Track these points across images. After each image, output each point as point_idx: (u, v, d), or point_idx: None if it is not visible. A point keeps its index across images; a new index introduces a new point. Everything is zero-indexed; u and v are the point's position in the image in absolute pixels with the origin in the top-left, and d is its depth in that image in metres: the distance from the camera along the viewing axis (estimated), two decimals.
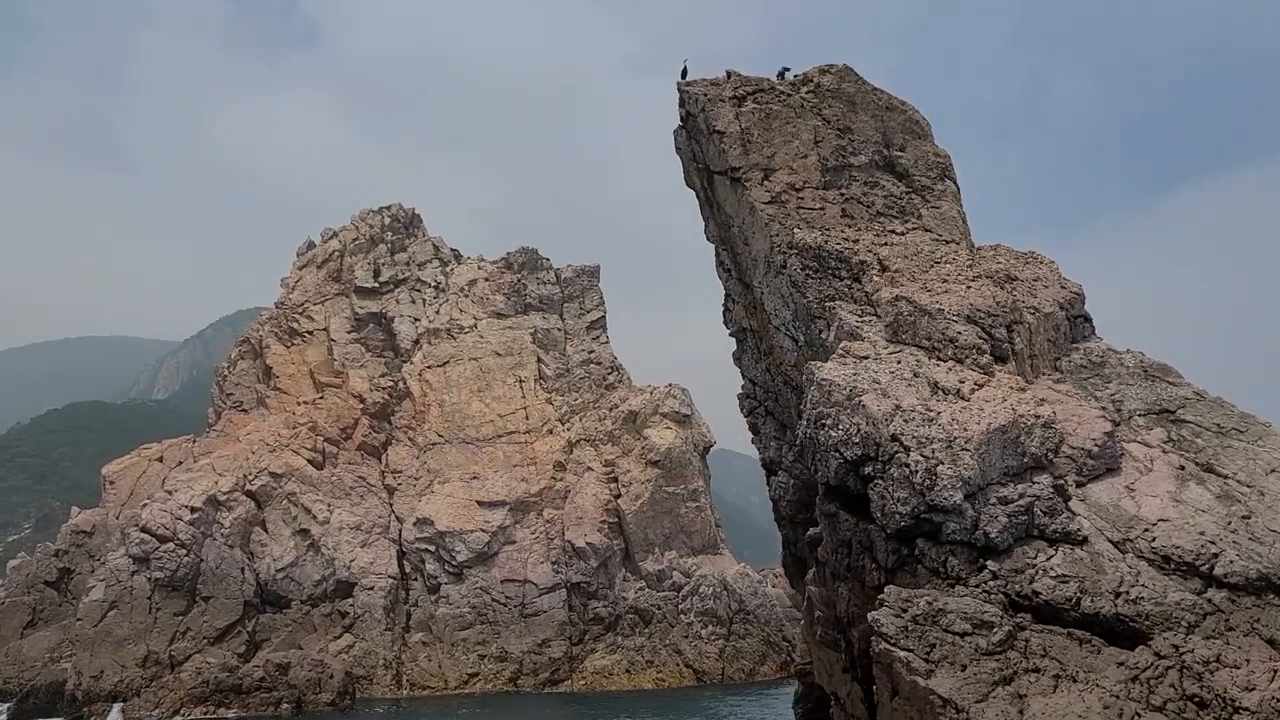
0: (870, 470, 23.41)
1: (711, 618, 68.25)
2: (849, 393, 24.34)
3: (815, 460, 24.52)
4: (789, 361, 30.30)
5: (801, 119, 32.20)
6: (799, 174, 31.37)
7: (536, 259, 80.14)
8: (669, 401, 73.92)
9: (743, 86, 32.28)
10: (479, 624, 64.13)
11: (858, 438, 23.69)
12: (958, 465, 22.70)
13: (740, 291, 32.36)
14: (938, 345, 27.01)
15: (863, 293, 28.85)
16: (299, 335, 75.04)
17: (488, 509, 67.41)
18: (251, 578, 62.88)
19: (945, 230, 32.06)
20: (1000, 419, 23.96)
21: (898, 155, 33.20)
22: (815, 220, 30.61)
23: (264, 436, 67.95)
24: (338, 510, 65.91)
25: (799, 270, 29.44)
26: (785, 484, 31.02)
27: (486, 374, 73.58)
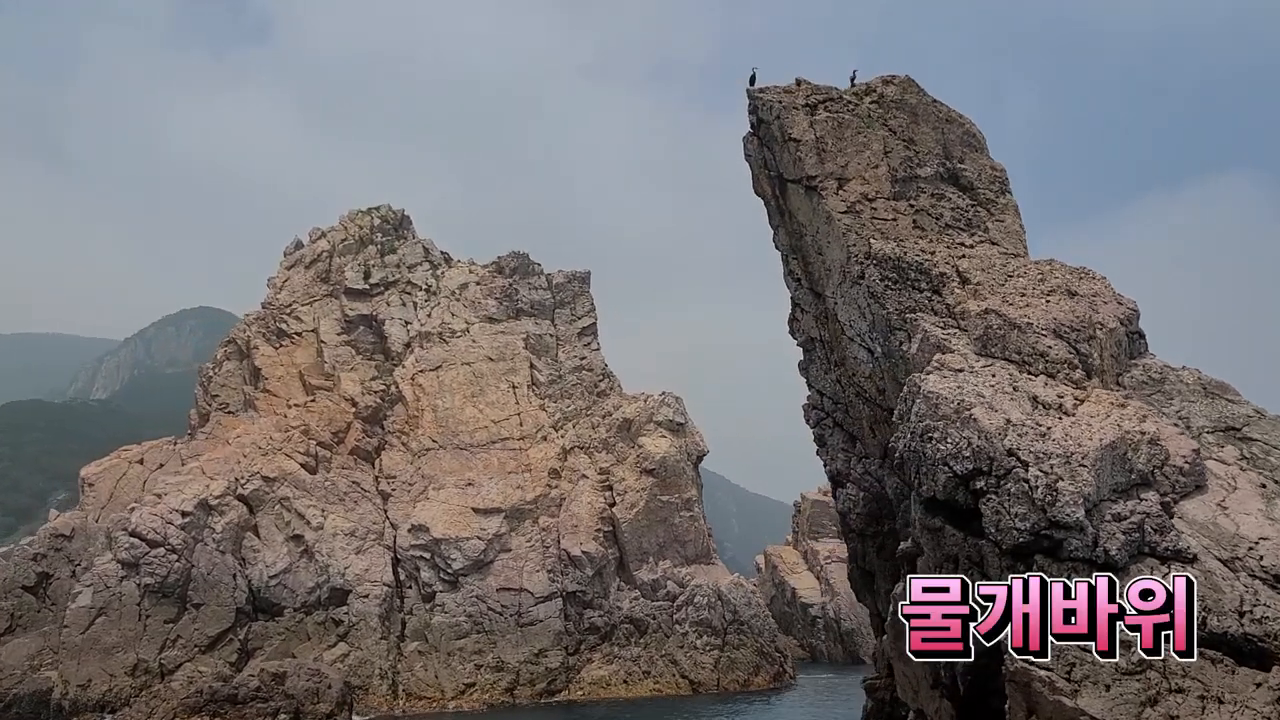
0: (983, 485, 23.22)
1: (706, 628, 67.94)
2: (957, 406, 24.15)
3: (920, 474, 24.27)
4: (863, 373, 30.10)
5: (871, 129, 32.08)
6: (871, 184, 31.23)
7: (528, 264, 79.37)
8: (663, 410, 73.57)
9: (814, 94, 32.11)
10: (475, 633, 63.14)
11: (968, 451, 23.50)
12: (1077, 481, 22.60)
13: (811, 301, 32.09)
14: (1028, 359, 26.94)
15: (944, 305, 28.72)
16: (287, 336, 73.47)
17: (483, 516, 66.46)
18: (244, 584, 61.29)
19: (1010, 244, 32.09)
20: (1109, 435, 23.90)
21: (960, 168, 33.18)
22: (889, 231, 30.46)
23: (255, 439, 66.34)
24: (331, 516, 64.53)
25: (878, 281, 29.25)
26: (855, 496, 30.79)
27: (480, 379, 72.63)
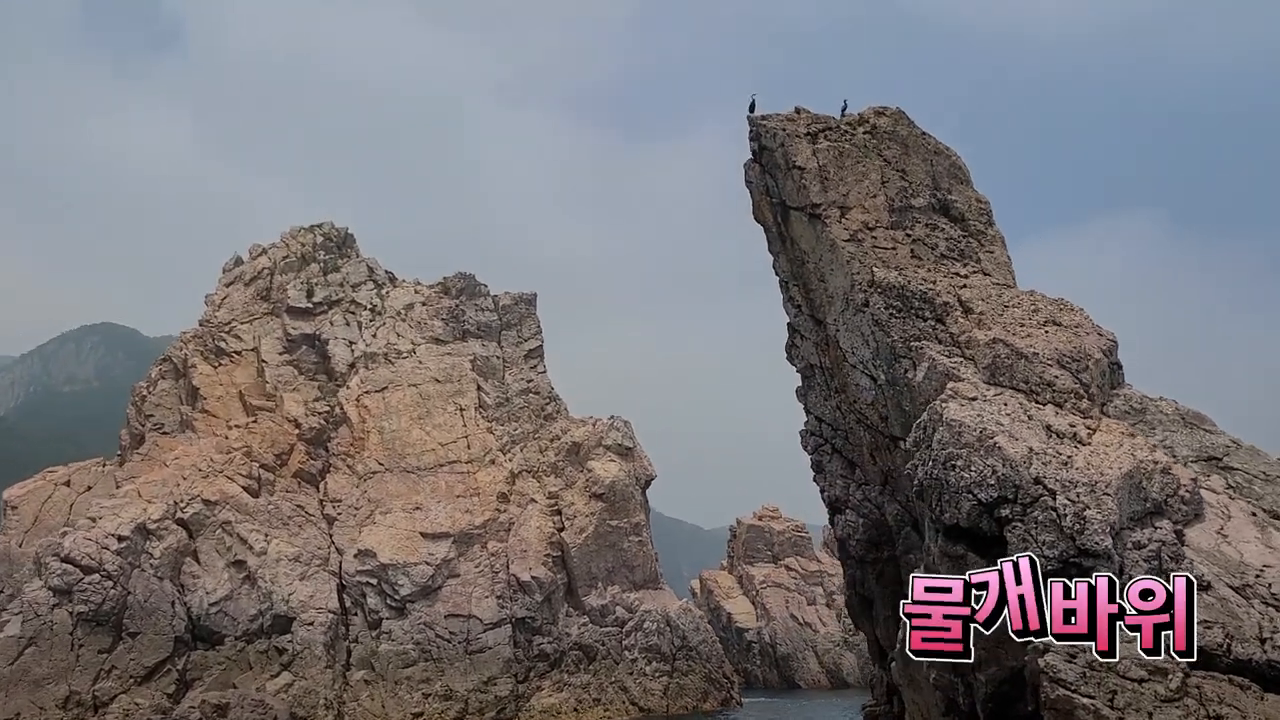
0: (1008, 512, 23.38)
1: (655, 654, 67.50)
2: (979, 434, 24.31)
3: (942, 501, 24.34)
4: (864, 400, 30.19)
5: (868, 159, 32.36)
6: (871, 213, 31.47)
7: (474, 285, 78.47)
8: (612, 434, 73.14)
9: (814, 123, 32.30)
10: (423, 661, 61.71)
11: (993, 479, 23.65)
12: (1103, 509, 22.88)
13: (811, 328, 32.15)
14: (1036, 389, 27.28)
15: (948, 334, 28.97)
16: (226, 355, 71.40)
17: (431, 541, 65.17)
18: (183, 612, 59.08)
19: (1001, 275, 32.56)
20: (1126, 464, 24.28)
21: (950, 199, 33.61)
22: (890, 260, 30.69)
23: (195, 461, 64.16)
24: (275, 540, 62.64)
25: (882, 309, 29.41)
26: (854, 523, 30.81)
27: (426, 401, 71.41)
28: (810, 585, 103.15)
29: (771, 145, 32.14)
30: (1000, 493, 23.35)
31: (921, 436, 25.51)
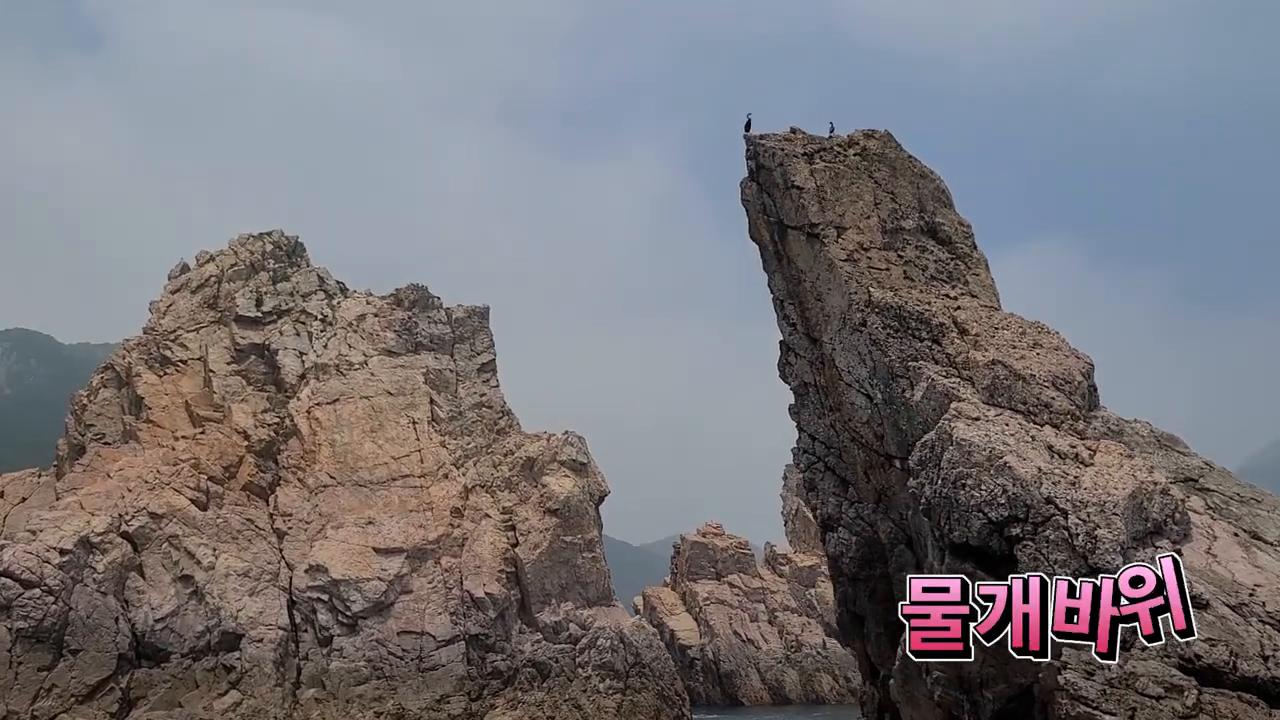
0: (1019, 531, 23.69)
1: (609, 671, 67.06)
2: (989, 454, 24.61)
3: (951, 520, 24.58)
4: (860, 419, 30.41)
5: (861, 180, 32.70)
6: (865, 234, 31.79)
7: (427, 297, 77.64)
8: (566, 449, 72.75)
9: (810, 144, 32.57)
10: (375, 679, 60.59)
11: (1003, 499, 23.96)
12: (1112, 529, 23.29)
13: (806, 347, 32.31)
14: (1033, 410, 27.72)
15: (944, 354, 29.32)
16: (172, 364, 69.59)
17: (384, 556, 64.10)
18: (126, 628, 57.24)
19: (987, 297, 33.08)
20: (1129, 485, 24.75)
21: (938, 222, 34.09)
22: (884, 280, 31.02)
23: (140, 473, 62.31)
24: (224, 555, 61.07)
25: (880, 329, 29.69)
26: (847, 540, 30.98)
27: (379, 414, 70.34)
28: (753, 602, 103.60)
29: (770, 164, 32.34)
30: (1011, 512, 23.65)
31: (928, 455, 25.75)
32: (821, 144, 32.56)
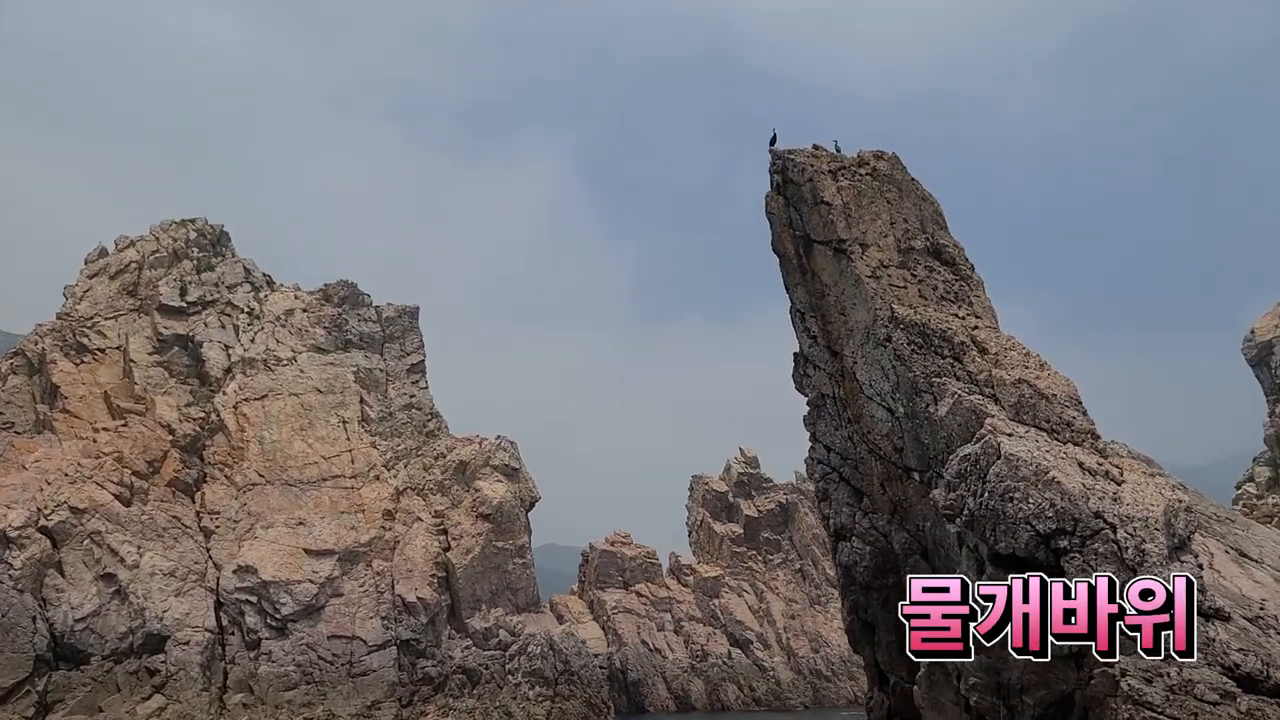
0: (1066, 544, 24.58)
1: (539, 678, 66.68)
2: (1035, 469, 25.50)
3: (997, 532, 25.36)
4: (879, 431, 31.05)
5: (878, 200, 33.45)
6: (884, 252, 32.54)
7: (357, 293, 75.96)
8: (499, 454, 72.14)
9: (833, 161, 33.16)
10: (305, 684, 58.93)
11: (1051, 512, 24.84)
12: (1156, 543, 24.39)
13: (827, 359, 32.81)
14: (1056, 428, 28.79)
15: (965, 371, 30.19)
16: (89, 352, 66.34)
17: (315, 558, 62.41)
18: (44, 628, 54.38)
19: (988, 318, 34.18)
20: (1160, 502, 25.95)
21: (941, 243, 35.10)
22: (903, 298, 31.80)
23: (60, 465, 59.22)
24: (148, 554, 58.51)
25: (904, 345, 30.42)
26: (861, 550, 31.54)
27: (308, 412, 68.45)
28: (659, 611, 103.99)
29: (799, 180, 32.79)
30: (1059, 525, 24.52)
31: (969, 469, 26.50)
32: (843, 162, 33.24)
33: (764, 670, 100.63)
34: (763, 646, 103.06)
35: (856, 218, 32.17)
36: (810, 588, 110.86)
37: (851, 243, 31.57)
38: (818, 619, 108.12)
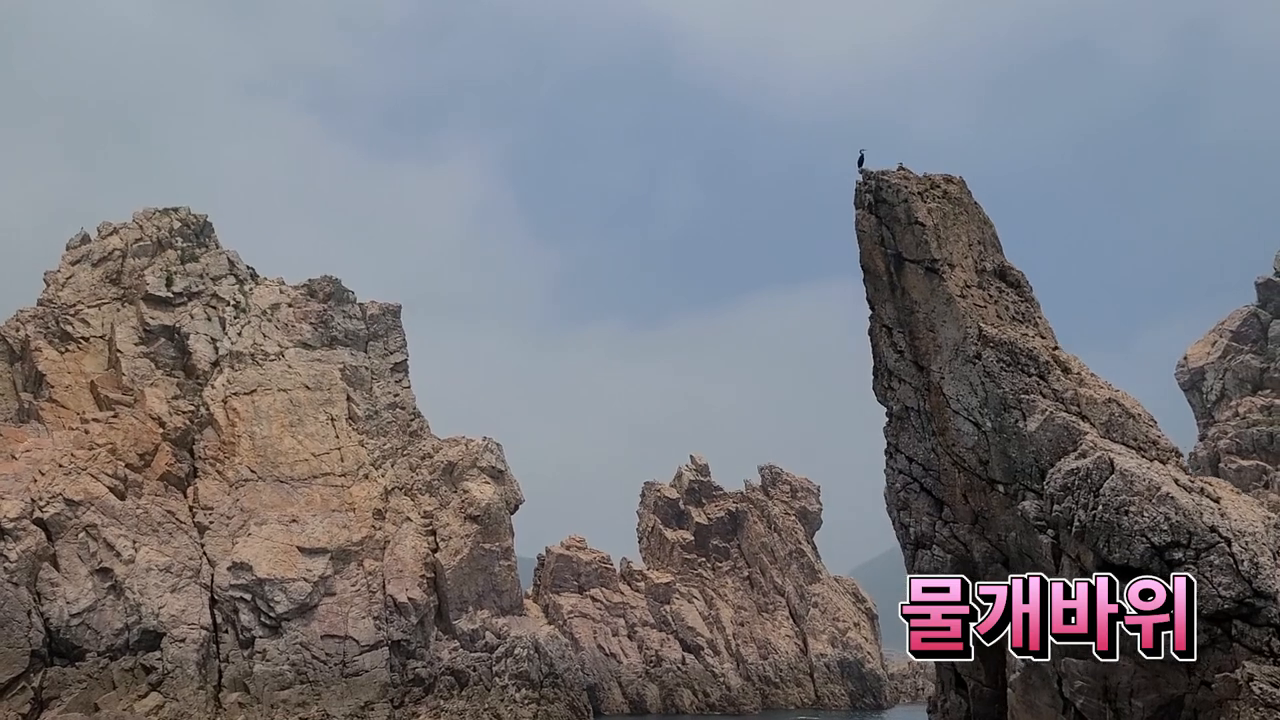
0: (1180, 555, 26.31)
1: (525, 680, 66.94)
2: (1148, 484, 27.19)
3: (1112, 543, 26.98)
4: (965, 444, 32.54)
5: (959, 223, 35.02)
6: (966, 272, 34.13)
7: (341, 290, 75.14)
8: (486, 455, 72.20)
9: (920, 183, 34.61)
10: (299, 683, 58.29)
11: (1166, 525, 26.55)
12: (1267, 555, 26.24)
13: (913, 373, 34.18)
14: (1143, 446, 30.63)
15: (1050, 390, 31.87)
16: (73, 341, 64.55)
17: (309, 556, 61.72)
18: (40, 623, 52.89)
19: (1051, 338, 36.00)
20: (1257, 517, 27.86)
21: (1006, 266, 36.85)
22: (986, 317, 33.40)
23: (54, 456, 57.54)
24: (144, 548, 57.21)
25: (994, 362, 32.00)
26: (941, 558, 32.96)
27: (297, 408, 67.61)
28: (614, 616, 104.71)
29: (893, 200, 34.16)
30: (1173, 538, 26.25)
31: (1077, 482, 28.12)
32: (928, 183, 34.73)
33: (716, 676, 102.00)
34: (713, 653, 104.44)
35: (945, 238, 33.68)
36: (758, 595, 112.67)
37: (942, 263, 33.06)
38: (766, 626, 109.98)
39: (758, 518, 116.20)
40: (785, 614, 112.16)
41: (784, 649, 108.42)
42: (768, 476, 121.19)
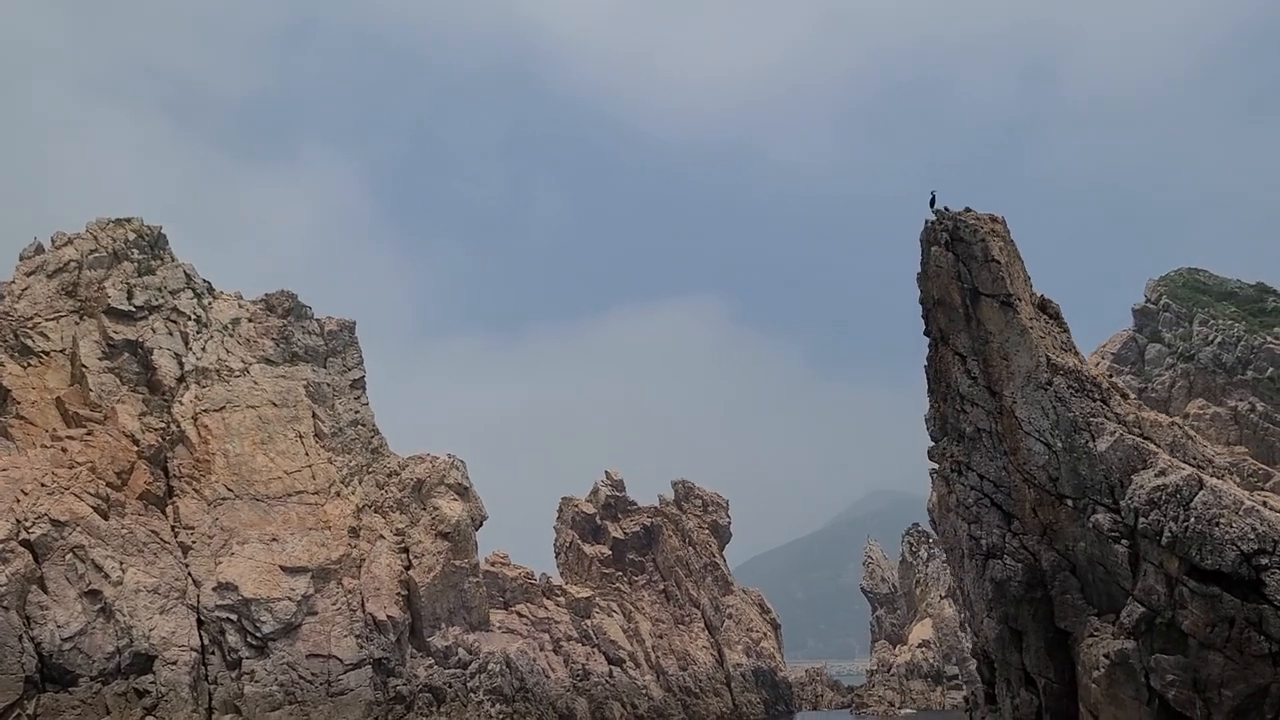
0: (1267, 561, 29.94)
1: (499, 696, 67.76)
2: (1234, 499, 30.82)
3: (1204, 551, 30.43)
4: (1035, 463, 35.68)
5: (1015, 260, 38.39)
6: (1028, 306, 37.45)
7: (299, 305, 74.42)
8: (452, 472, 72.62)
9: (990, 223, 37.79)
10: (288, 704, 57.76)
11: (1253, 535, 30.17)
12: None
13: (986, 398, 37.16)
14: (1202, 464, 34.41)
15: (1113, 413, 35.41)
16: (34, 355, 62.19)
17: (291, 575, 61.13)
18: (31, 648, 51.06)
19: (1086, 368, 39.71)
20: None
21: (1046, 299, 40.46)
22: (1049, 347, 36.78)
23: (33, 475, 55.42)
24: (131, 570, 55.70)
25: (1064, 388, 35.35)
26: (1013, 567, 35.93)
27: (266, 425, 66.70)
28: (540, 631, 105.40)
29: (970, 239, 37.12)
30: (1260, 546, 29.85)
31: (1165, 497, 31.50)
32: (992, 223, 37.93)
33: (640, 688, 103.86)
34: (634, 665, 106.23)
35: (1012, 274, 36.98)
36: (674, 608, 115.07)
37: (1015, 297, 36.31)
38: (684, 638, 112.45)
39: (672, 532, 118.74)
40: (701, 626, 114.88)
41: (702, 660, 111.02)
42: (680, 491, 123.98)
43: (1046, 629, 35.79)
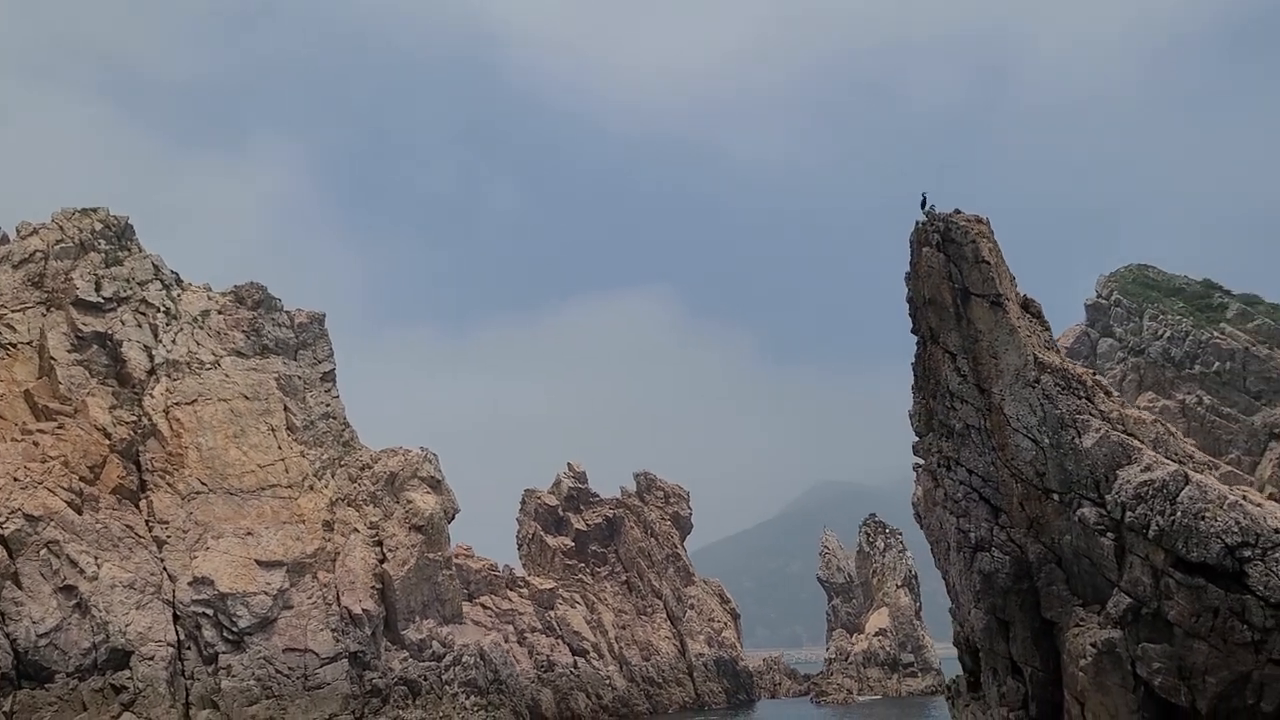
0: (1249, 554, 31.19)
1: (473, 688, 68.01)
2: (1218, 493, 32.03)
3: (1190, 544, 31.61)
4: (1023, 459, 36.69)
5: (1001, 261, 39.37)
6: (1015, 304, 38.45)
7: (269, 297, 73.81)
8: (425, 465, 72.59)
9: (979, 224, 38.68)
10: (265, 699, 57.55)
11: (1237, 529, 31.39)
12: None
13: (975, 395, 38.08)
14: (1182, 459, 35.65)
15: (1098, 410, 36.54)
16: (1, 347, 61.17)
17: (266, 569, 60.83)
18: (7, 644, 50.41)
19: (1071, 365, 40.86)
20: None
21: (1028, 298, 41.54)
22: (1036, 345, 37.81)
23: (7, 469, 54.56)
24: (106, 564, 55.09)
25: (1051, 386, 36.39)
26: (1000, 560, 36.94)
27: (239, 418, 66.16)
28: (504, 623, 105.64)
29: (961, 240, 37.97)
30: (1243, 539, 31.07)
31: (1152, 491, 32.63)
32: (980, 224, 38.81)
33: (604, 679, 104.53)
34: (598, 656, 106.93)
35: (1000, 275, 37.94)
36: (637, 599, 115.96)
37: (1004, 296, 37.28)
38: (646, 628, 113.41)
39: (634, 523, 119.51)
40: (663, 616, 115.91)
41: (664, 650, 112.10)
42: (642, 483, 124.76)
43: (1033, 619, 36.82)
